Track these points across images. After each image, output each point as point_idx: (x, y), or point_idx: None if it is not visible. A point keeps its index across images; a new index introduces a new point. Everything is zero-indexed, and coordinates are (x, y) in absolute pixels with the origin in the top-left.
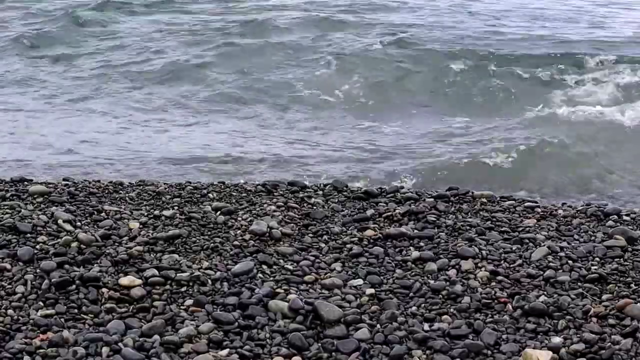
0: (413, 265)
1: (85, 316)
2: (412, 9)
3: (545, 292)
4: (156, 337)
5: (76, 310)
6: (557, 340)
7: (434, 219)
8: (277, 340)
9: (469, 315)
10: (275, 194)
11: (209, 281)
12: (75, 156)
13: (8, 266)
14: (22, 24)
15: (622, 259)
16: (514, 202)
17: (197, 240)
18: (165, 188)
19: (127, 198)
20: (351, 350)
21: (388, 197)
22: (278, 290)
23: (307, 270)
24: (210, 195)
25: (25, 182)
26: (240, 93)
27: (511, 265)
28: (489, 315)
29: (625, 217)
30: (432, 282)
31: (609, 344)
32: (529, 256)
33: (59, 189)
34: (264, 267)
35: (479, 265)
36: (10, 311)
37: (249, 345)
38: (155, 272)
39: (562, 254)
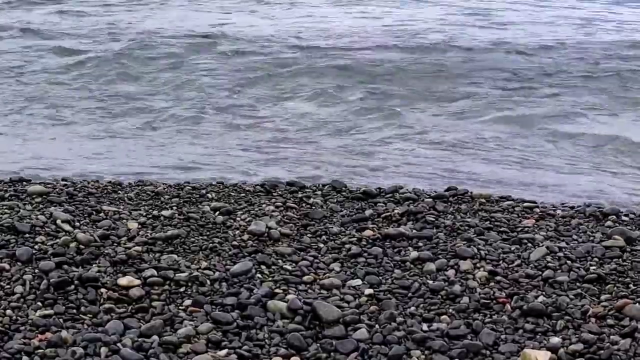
0: (412, 266)
1: (84, 316)
2: None
3: (544, 293)
4: (155, 337)
5: (75, 311)
6: (555, 340)
7: (433, 219)
8: (275, 340)
9: (467, 316)
10: (274, 194)
11: (208, 281)
12: None
13: (7, 266)
14: None
15: (620, 259)
16: (512, 202)
17: (196, 241)
18: (164, 188)
19: (125, 198)
20: (350, 351)
21: (387, 197)
22: (277, 290)
23: (305, 270)
24: (209, 195)
25: (24, 182)
26: None
27: (510, 266)
28: (488, 315)
29: (624, 218)
30: (430, 282)
31: (608, 344)
32: (528, 256)
33: (57, 189)
34: (263, 267)
35: (478, 265)
36: (8, 311)
37: (248, 345)
38: (154, 272)
39: (561, 254)
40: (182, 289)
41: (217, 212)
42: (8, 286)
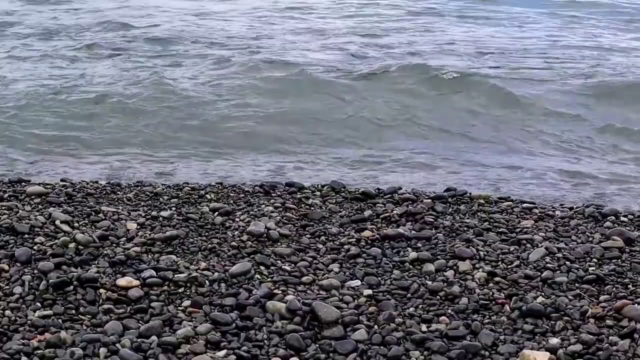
0: (411, 266)
1: (82, 317)
2: None
3: (542, 293)
4: (154, 338)
5: (74, 311)
6: (554, 341)
7: (432, 219)
8: (274, 341)
9: (466, 316)
10: (272, 194)
11: (207, 282)
12: None
13: (6, 267)
14: None
15: (619, 260)
16: (511, 203)
17: (195, 241)
18: (163, 189)
19: (124, 199)
20: (349, 351)
21: (386, 198)
22: (276, 291)
23: (304, 271)
24: (208, 196)
25: (23, 183)
26: None
27: (509, 266)
28: (487, 316)
29: (623, 218)
30: (429, 283)
31: (607, 345)
32: (527, 257)
33: (56, 190)
34: (262, 268)
35: (477, 266)
36: (7, 312)
37: (247, 346)
38: (153, 273)
39: (560, 255)
40: (181, 290)
41: (216, 213)
42: (7, 287)
